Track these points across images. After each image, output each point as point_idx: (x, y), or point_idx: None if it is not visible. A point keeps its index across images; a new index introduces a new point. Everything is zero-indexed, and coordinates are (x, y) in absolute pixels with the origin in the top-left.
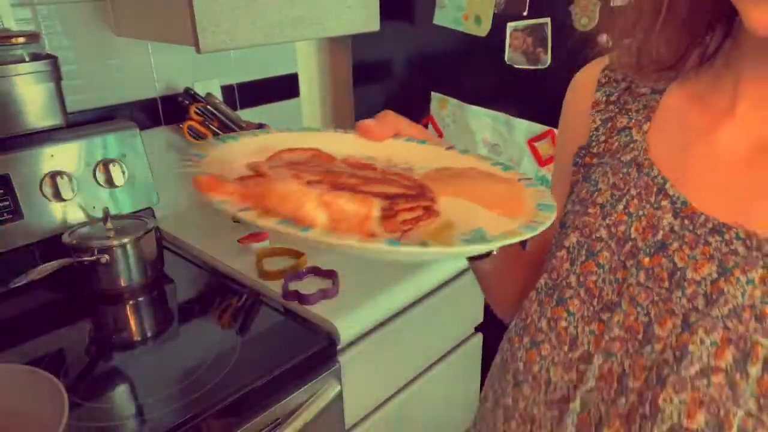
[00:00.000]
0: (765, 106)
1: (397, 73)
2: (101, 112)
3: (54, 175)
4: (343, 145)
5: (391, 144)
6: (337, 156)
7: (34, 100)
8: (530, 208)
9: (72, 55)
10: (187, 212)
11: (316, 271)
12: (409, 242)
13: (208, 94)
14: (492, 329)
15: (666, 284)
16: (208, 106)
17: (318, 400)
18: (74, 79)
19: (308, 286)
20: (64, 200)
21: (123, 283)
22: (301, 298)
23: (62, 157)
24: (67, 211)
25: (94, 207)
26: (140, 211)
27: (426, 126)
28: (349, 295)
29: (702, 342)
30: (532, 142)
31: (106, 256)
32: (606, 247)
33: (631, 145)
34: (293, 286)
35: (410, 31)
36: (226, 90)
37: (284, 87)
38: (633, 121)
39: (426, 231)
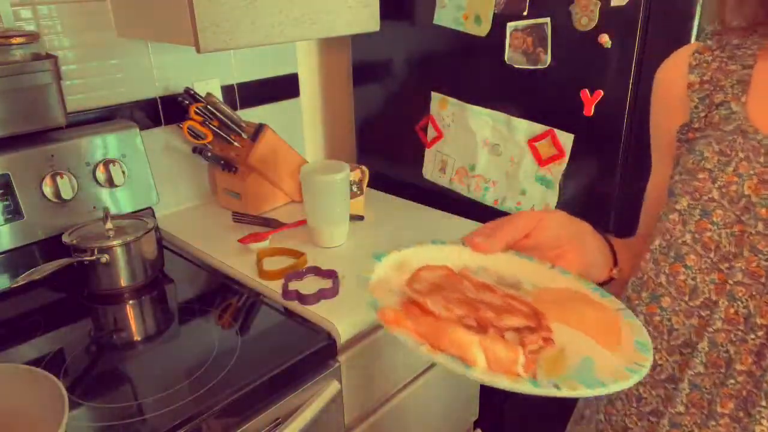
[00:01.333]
0: None
1: (397, 73)
2: (101, 112)
3: (54, 175)
4: (461, 257)
5: (501, 258)
6: (458, 266)
7: (34, 100)
8: (628, 341)
9: (72, 55)
10: (187, 212)
11: (316, 271)
12: (544, 383)
13: (208, 94)
14: None
15: None
16: (208, 106)
17: (318, 400)
18: (74, 79)
19: (308, 285)
20: (64, 200)
21: (123, 283)
22: (301, 298)
23: (62, 157)
24: (67, 211)
25: (94, 207)
26: (140, 211)
27: (426, 126)
28: (349, 295)
29: None
30: (532, 142)
31: (106, 256)
32: (719, 206)
33: (733, 116)
34: (293, 285)
35: (410, 31)
36: (226, 90)
37: (284, 87)
38: (730, 95)
39: (545, 358)
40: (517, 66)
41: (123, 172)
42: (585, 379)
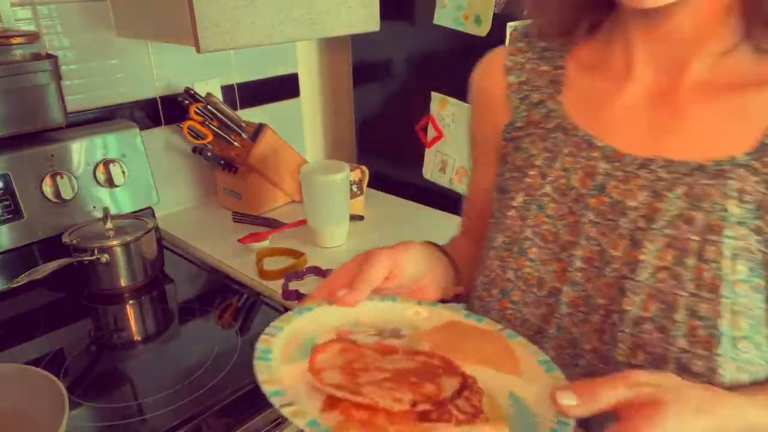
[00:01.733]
0: (653, 63)
1: (397, 73)
2: (101, 112)
3: (54, 175)
4: (333, 317)
5: (369, 306)
6: (330, 329)
7: (34, 100)
8: (528, 362)
9: (72, 55)
10: (187, 212)
11: (316, 271)
12: None
13: (208, 94)
14: None
15: (611, 216)
16: (208, 106)
17: None
18: (74, 79)
19: (308, 285)
20: (64, 200)
21: (123, 283)
22: (301, 298)
23: (62, 157)
24: (67, 211)
25: (94, 207)
26: (140, 210)
27: (426, 126)
28: None
29: (649, 251)
30: None
31: (106, 256)
32: (552, 200)
33: (552, 115)
34: (293, 285)
35: (410, 31)
36: (226, 90)
37: (284, 87)
38: (545, 95)
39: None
40: None
41: (123, 172)
42: (529, 422)
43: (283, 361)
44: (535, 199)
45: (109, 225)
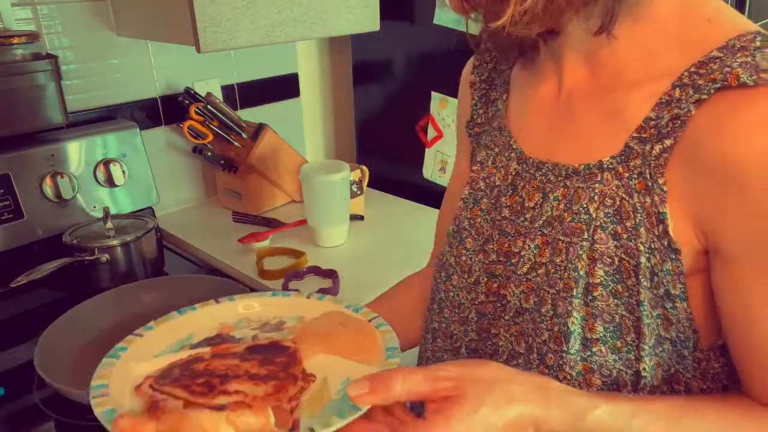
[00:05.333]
0: (572, 74)
1: (397, 73)
2: (101, 112)
3: (54, 175)
4: (219, 314)
5: (258, 302)
6: (216, 326)
7: (34, 100)
8: (381, 350)
9: (72, 55)
10: (187, 212)
11: (316, 271)
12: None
13: (208, 94)
14: None
15: (517, 213)
16: (209, 106)
17: None
18: (74, 79)
19: (308, 285)
20: (64, 200)
21: (123, 282)
22: None
23: (62, 156)
24: (67, 211)
25: (94, 207)
26: (140, 210)
27: (426, 126)
28: (349, 295)
29: (528, 247)
30: None
31: (107, 256)
32: (485, 195)
33: (498, 113)
34: (293, 285)
35: (410, 31)
36: (226, 90)
37: (284, 87)
38: (498, 93)
39: (309, 395)
40: None
41: (123, 172)
42: (343, 406)
43: (136, 359)
44: (474, 192)
45: (109, 225)
